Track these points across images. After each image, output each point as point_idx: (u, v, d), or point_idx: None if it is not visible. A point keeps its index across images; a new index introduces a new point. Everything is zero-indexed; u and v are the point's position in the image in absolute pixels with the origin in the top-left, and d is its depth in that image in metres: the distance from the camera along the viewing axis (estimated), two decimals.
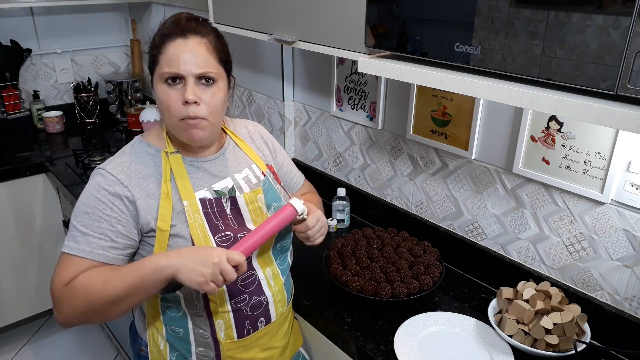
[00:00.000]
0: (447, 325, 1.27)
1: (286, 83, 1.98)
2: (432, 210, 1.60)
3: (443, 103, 1.47)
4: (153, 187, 1.04)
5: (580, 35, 0.76)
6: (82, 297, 0.97)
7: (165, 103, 1.01)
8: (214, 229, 1.06)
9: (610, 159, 1.14)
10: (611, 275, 1.21)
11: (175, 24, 1.02)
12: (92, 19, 2.80)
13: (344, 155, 1.86)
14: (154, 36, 1.04)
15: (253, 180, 1.17)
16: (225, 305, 1.10)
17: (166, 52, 1.00)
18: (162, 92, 1.01)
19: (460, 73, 0.94)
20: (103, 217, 1.00)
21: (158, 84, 1.02)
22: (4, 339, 2.54)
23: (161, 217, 1.02)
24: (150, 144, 1.09)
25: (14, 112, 2.50)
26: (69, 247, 1.00)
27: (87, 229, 1.00)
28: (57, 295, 0.99)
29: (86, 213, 1.01)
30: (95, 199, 1.01)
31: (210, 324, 1.11)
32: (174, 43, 1.00)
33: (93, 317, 1.00)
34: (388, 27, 1.07)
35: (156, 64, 1.02)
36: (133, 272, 0.96)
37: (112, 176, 1.02)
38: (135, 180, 1.03)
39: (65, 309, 0.99)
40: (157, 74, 1.02)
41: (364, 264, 1.40)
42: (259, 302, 1.14)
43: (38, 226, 2.39)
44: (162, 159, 1.07)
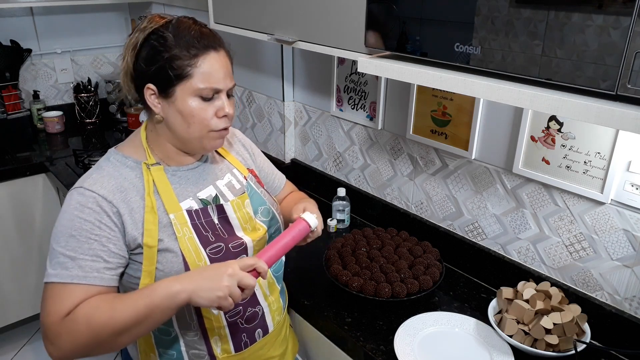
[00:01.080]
0: (447, 325, 1.27)
1: (286, 83, 1.98)
2: (432, 210, 1.60)
3: (443, 103, 1.47)
4: (136, 200, 0.98)
5: (580, 35, 0.76)
6: (86, 329, 0.88)
7: (199, 117, 0.98)
8: (204, 241, 1.02)
9: (610, 159, 1.14)
10: (611, 275, 1.21)
11: (202, 36, 0.98)
12: (92, 19, 2.80)
13: (344, 155, 1.86)
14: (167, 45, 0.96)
15: (236, 186, 1.14)
16: (220, 320, 1.07)
17: (202, 66, 0.96)
18: (196, 106, 0.97)
19: (460, 73, 0.94)
20: (92, 237, 0.93)
21: (187, 97, 0.97)
22: (4, 339, 2.54)
23: (147, 232, 0.97)
24: (127, 156, 1.02)
25: (14, 112, 2.50)
26: (57, 276, 0.92)
27: (76, 253, 0.92)
28: (54, 329, 0.90)
29: (72, 236, 0.93)
30: (80, 220, 0.93)
31: (205, 342, 1.07)
32: (209, 56, 0.97)
33: (95, 349, 0.92)
34: (388, 27, 1.07)
35: (186, 78, 0.96)
36: (143, 299, 0.89)
37: (92, 193, 0.95)
38: (118, 194, 0.97)
39: (65, 343, 0.90)
40: (187, 88, 0.96)
41: (364, 264, 1.40)
42: (254, 314, 1.12)
43: (38, 226, 2.39)
44: (144, 171, 1.01)
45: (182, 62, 0.96)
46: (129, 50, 0.98)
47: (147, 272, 0.98)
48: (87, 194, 0.95)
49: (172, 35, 0.96)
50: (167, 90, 0.97)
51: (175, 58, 0.95)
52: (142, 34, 0.97)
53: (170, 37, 0.96)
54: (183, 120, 0.99)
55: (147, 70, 0.97)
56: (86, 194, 0.95)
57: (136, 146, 1.05)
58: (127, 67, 0.99)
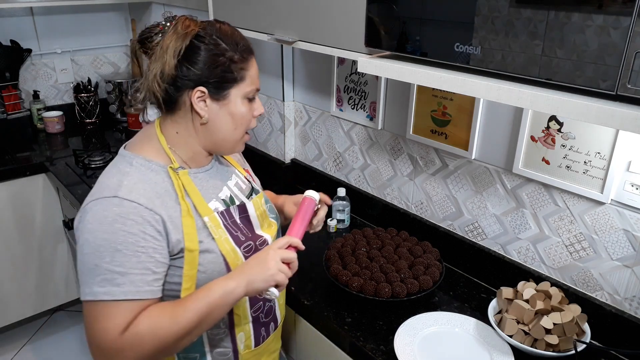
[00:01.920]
0: (447, 325, 1.27)
1: (286, 83, 1.98)
2: (432, 210, 1.60)
3: (443, 103, 1.47)
4: (172, 205, 0.97)
5: (580, 35, 0.76)
6: (152, 339, 0.89)
7: (246, 118, 1.04)
8: (236, 240, 1.04)
9: (610, 159, 1.14)
10: (611, 275, 1.21)
11: (245, 40, 1.03)
12: (92, 19, 2.80)
13: (344, 155, 1.86)
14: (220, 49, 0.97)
15: (242, 186, 1.16)
16: (247, 315, 1.10)
17: (251, 68, 1.02)
18: (245, 108, 1.03)
19: (460, 73, 0.94)
20: (139, 250, 0.90)
21: (238, 100, 1.01)
22: (4, 339, 2.54)
23: (187, 236, 0.96)
24: (149, 160, 0.99)
25: (14, 112, 2.50)
26: (109, 294, 0.89)
27: (125, 268, 0.89)
28: (117, 345, 0.88)
29: (117, 251, 0.89)
30: (124, 233, 0.90)
31: (232, 339, 1.09)
32: (253, 59, 1.03)
33: (157, 357, 0.93)
34: (388, 27, 1.07)
35: (240, 81, 1.00)
36: (203, 301, 0.92)
37: (132, 202, 0.91)
38: (156, 201, 0.94)
39: (128, 357, 0.89)
40: (239, 90, 1.00)
41: (364, 264, 1.40)
42: (270, 308, 1.16)
43: (38, 226, 2.39)
44: (172, 176, 0.99)
45: (237, 65, 0.99)
46: (167, 53, 0.96)
47: (189, 277, 0.98)
48: (125, 204, 0.91)
49: (220, 39, 0.98)
50: (221, 93, 0.99)
51: (232, 61, 0.98)
52: (184, 38, 0.96)
53: (221, 42, 0.98)
54: (232, 122, 1.02)
55: (200, 74, 0.97)
56: (125, 204, 0.91)
57: (156, 149, 1.01)
58: (167, 70, 0.96)
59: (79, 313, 2.73)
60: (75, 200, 2.02)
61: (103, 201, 0.92)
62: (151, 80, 0.98)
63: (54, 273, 2.51)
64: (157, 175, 0.98)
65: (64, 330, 2.61)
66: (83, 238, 0.91)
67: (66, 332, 2.60)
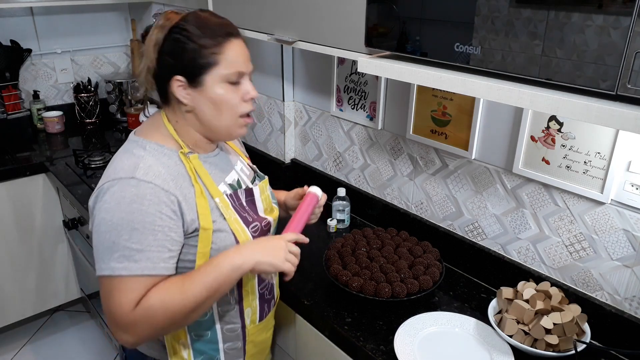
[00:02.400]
0: (447, 325, 1.27)
1: (286, 83, 1.98)
2: (432, 210, 1.60)
3: (443, 103, 1.47)
4: (186, 186, 1.01)
5: (580, 35, 0.76)
6: (163, 313, 0.94)
7: (228, 103, 1.03)
8: (245, 221, 1.10)
9: (610, 159, 1.14)
10: (611, 275, 1.21)
11: (223, 25, 1.03)
12: (92, 19, 2.80)
13: (344, 155, 1.86)
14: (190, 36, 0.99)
15: (247, 172, 1.22)
16: (255, 292, 1.16)
17: (227, 52, 1.01)
18: (225, 92, 1.02)
19: (460, 73, 0.94)
20: (156, 228, 0.95)
21: (216, 84, 1.01)
22: (4, 339, 2.54)
23: (202, 216, 1.01)
24: (161, 144, 1.03)
25: (14, 112, 2.50)
26: (126, 269, 0.93)
27: (143, 245, 0.94)
28: (129, 319, 0.93)
29: (135, 229, 0.93)
30: (141, 212, 0.93)
31: (240, 314, 1.15)
32: (232, 43, 1.02)
33: (169, 329, 1.00)
34: (388, 27, 1.07)
35: (213, 65, 1.00)
36: (210, 276, 0.97)
37: (147, 183, 0.95)
38: (171, 182, 0.98)
39: (142, 330, 0.94)
40: (215, 75, 1.00)
41: (364, 264, 1.40)
42: (271, 286, 1.25)
43: (38, 226, 2.39)
44: (183, 160, 1.04)
45: (209, 50, 0.99)
46: (150, 48, 1.00)
47: (202, 254, 1.03)
48: (142, 185, 0.95)
49: (194, 26, 1.00)
50: (196, 80, 1.00)
51: (203, 47, 0.99)
52: (163, 30, 1.00)
53: (194, 29, 0.99)
54: (214, 108, 1.03)
55: (175, 63, 1.00)
56: (142, 185, 0.95)
57: (164, 136, 1.05)
58: (150, 64, 1.01)
59: (79, 313, 2.73)
60: (75, 200, 2.02)
61: (120, 182, 0.95)
62: (144, 77, 1.04)
63: (54, 273, 2.51)
64: (170, 159, 1.02)
65: (64, 330, 2.61)
66: (100, 217, 0.95)
67: (66, 332, 2.60)
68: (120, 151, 1.05)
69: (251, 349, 1.21)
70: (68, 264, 2.55)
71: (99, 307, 2.42)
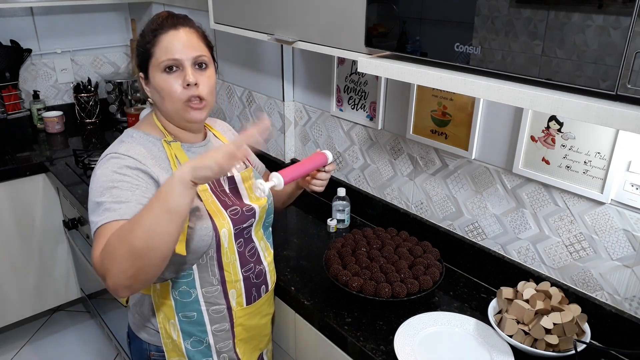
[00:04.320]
0: (447, 325, 1.27)
1: (286, 83, 1.98)
2: (432, 210, 1.60)
3: (443, 103, 1.47)
4: (165, 167, 1.10)
5: (580, 35, 0.76)
6: (117, 243, 0.92)
7: (166, 90, 1.09)
8: (223, 204, 1.16)
9: (610, 159, 1.14)
10: (611, 275, 1.21)
11: (164, 19, 1.11)
12: (92, 19, 2.80)
13: (344, 155, 1.86)
14: (143, 34, 1.12)
15: (237, 165, 1.21)
16: (237, 274, 1.20)
17: (160, 43, 1.09)
18: (162, 80, 1.09)
19: (460, 73, 0.94)
20: (133, 186, 1.02)
21: (156, 74, 1.10)
22: (4, 339, 2.54)
23: None
24: (147, 133, 1.15)
25: (14, 112, 2.50)
26: (106, 217, 0.98)
27: (122, 198, 1.00)
28: (99, 261, 0.95)
29: (114, 187, 1.01)
30: (120, 175, 1.03)
31: (224, 295, 1.19)
32: (167, 34, 1.09)
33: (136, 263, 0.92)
34: (388, 27, 1.07)
35: (151, 57, 1.10)
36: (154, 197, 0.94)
37: (128, 157, 1.05)
38: (150, 160, 1.08)
39: (109, 266, 0.92)
40: (154, 65, 1.10)
41: (364, 264, 1.40)
42: (260, 271, 1.27)
43: (38, 226, 2.39)
44: (165, 147, 1.13)
45: (146, 44, 1.10)
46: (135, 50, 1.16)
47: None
48: (123, 158, 1.05)
49: (146, 25, 1.12)
50: (145, 72, 1.13)
51: (145, 42, 1.11)
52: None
53: (145, 27, 1.12)
54: (159, 96, 1.12)
55: (136, 60, 1.14)
56: (122, 157, 1.05)
57: (152, 126, 1.17)
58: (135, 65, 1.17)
59: (79, 313, 2.73)
60: (75, 200, 2.02)
61: (105, 158, 1.07)
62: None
63: (54, 273, 2.51)
64: (154, 145, 1.13)
65: (64, 330, 2.62)
66: (89, 189, 1.05)
67: (66, 332, 2.60)
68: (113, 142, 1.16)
69: (241, 332, 1.25)
70: (68, 264, 2.55)
71: (99, 307, 2.43)
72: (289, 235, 1.71)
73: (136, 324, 1.25)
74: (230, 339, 1.24)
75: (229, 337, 1.24)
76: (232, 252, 1.17)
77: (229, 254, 1.17)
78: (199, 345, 1.21)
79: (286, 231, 1.74)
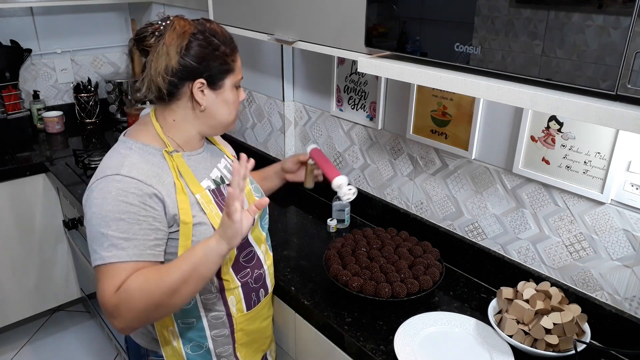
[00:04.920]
0: (447, 325, 1.27)
1: (286, 83, 1.98)
2: (432, 210, 1.60)
3: (443, 103, 1.47)
4: (168, 182, 1.08)
5: (580, 35, 0.76)
6: (140, 296, 0.98)
7: (234, 104, 1.17)
8: None
9: (610, 159, 1.14)
10: (611, 275, 1.21)
11: (231, 37, 1.15)
12: (92, 19, 2.80)
13: (344, 155, 1.86)
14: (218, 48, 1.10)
15: (230, 168, 1.28)
16: (234, 280, 1.19)
17: (238, 61, 1.15)
18: (233, 95, 1.15)
19: (461, 73, 0.94)
20: (141, 218, 1.01)
21: (229, 88, 1.14)
22: (4, 339, 2.54)
23: (182, 210, 1.07)
24: (146, 144, 1.11)
25: (14, 112, 2.50)
26: (115, 257, 0.99)
27: (129, 234, 1.00)
28: (112, 301, 0.99)
29: (121, 220, 1.00)
30: (126, 204, 1.01)
31: (224, 302, 1.19)
32: (238, 53, 1.16)
33: (153, 314, 1.02)
34: (388, 27, 1.07)
35: (231, 72, 1.13)
36: (187, 259, 1.01)
37: (130, 179, 1.03)
38: (154, 179, 1.06)
39: (125, 313, 0.99)
40: (231, 80, 1.14)
41: (364, 264, 1.40)
42: (259, 275, 1.27)
43: (38, 226, 2.39)
44: (167, 158, 1.11)
45: (229, 58, 1.12)
46: (171, 50, 1.07)
47: (184, 247, 1.08)
48: (126, 180, 1.03)
49: (213, 36, 1.10)
50: (217, 83, 1.12)
51: (225, 55, 1.11)
52: (182, 36, 1.07)
53: (213, 38, 1.10)
54: (227, 108, 1.15)
55: (199, 67, 1.08)
56: (125, 180, 1.03)
57: (151, 135, 1.13)
58: (172, 65, 1.07)
59: (79, 313, 2.73)
60: (75, 200, 2.02)
61: (107, 179, 1.04)
62: (155, 76, 1.08)
63: (54, 273, 2.51)
64: (154, 157, 1.10)
65: (64, 330, 2.62)
66: (90, 212, 1.03)
67: (66, 332, 2.60)
68: (109, 151, 1.13)
69: (242, 337, 1.25)
70: (68, 264, 2.55)
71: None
72: (289, 235, 1.71)
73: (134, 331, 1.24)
74: (231, 344, 1.24)
75: (229, 342, 1.24)
76: (230, 259, 1.17)
77: (228, 262, 1.17)
78: (199, 349, 1.20)
79: (286, 231, 1.74)
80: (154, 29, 1.09)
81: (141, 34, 1.10)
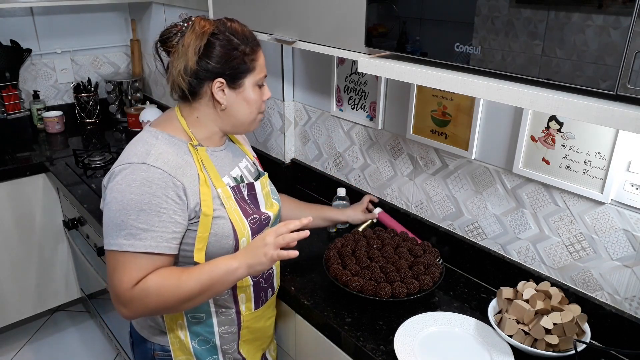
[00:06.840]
0: (447, 325, 1.27)
1: (286, 83, 1.98)
2: (432, 210, 1.60)
3: (443, 103, 1.47)
4: (191, 174, 1.09)
5: (580, 35, 0.76)
6: (156, 297, 1.02)
7: (256, 103, 1.17)
8: (244, 212, 1.17)
9: (610, 159, 1.14)
10: (611, 275, 1.21)
11: (252, 34, 1.16)
12: (92, 19, 2.80)
13: (344, 155, 1.86)
14: (237, 46, 1.11)
15: (251, 169, 1.30)
16: (248, 279, 1.21)
17: (259, 59, 1.16)
18: (255, 93, 1.16)
19: (460, 73, 0.94)
20: (161, 210, 1.03)
21: (250, 87, 1.15)
22: (4, 339, 2.55)
23: (204, 202, 1.09)
24: (172, 135, 1.13)
25: (14, 112, 2.50)
26: (132, 246, 1.02)
27: (148, 225, 1.02)
28: (127, 295, 1.02)
29: (142, 210, 1.02)
30: (149, 195, 1.02)
31: (234, 300, 1.21)
32: (260, 51, 1.16)
33: (162, 312, 1.10)
34: (388, 27, 1.07)
35: (252, 70, 1.14)
36: (207, 274, 1.05)
37: (158, 169, 1.04)
38: (178, 170, 1.07)
39: (136, 307, 1.04)
40: (254, 79, 1.15)
41: (364, 264, 1.40)
42: (269, 275, 1.30)
43: (38, 226, 2.39)
44: (191, 151, 1.12)
45: (249, 57, 1.13)
46: (189, 50, 1.08)
47: (202, 238, 1.10)
48: (152, 170, 1.04)
49: (233, 35, 1.12)
50: (237, 82, 1.13)
51: (245, 54, 1.12)
52: (202, 36, 1.09)
53: (233, 37, 1.11)
54: (247, 106, 1.16)
55: (219, 66, 1.10)
56: (151, 170, 1.04)
57: (176, 128, 1.15)
58: (190, 65, 1.09)
59: (78, 313, 2.73)
60: (75, 200, 2.02)
61: (132, 166, 1.05)
62: (176, 75, 1.11)
63: (54, 273, 2.51)
64: (179, 149, 1.12)
65: (64, 330, 2.62)
66: (111, 196, 1.04)
67: (66, 332, 2.60)
68: (135, 139, 1.14)
69: (246, 334, 1.27)
70: (68, 264, 2.55)
71: (99, 307, 2.43)
72: None
73: (140, 324, 1.25)
74: (236, 341, 1.26)
75: (234, 339, 1.26)
76: None
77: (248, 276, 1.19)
78: (205, 344, 1.22)
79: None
80: (177, 30, 1.11)
81: (165, 35, 1.13)
